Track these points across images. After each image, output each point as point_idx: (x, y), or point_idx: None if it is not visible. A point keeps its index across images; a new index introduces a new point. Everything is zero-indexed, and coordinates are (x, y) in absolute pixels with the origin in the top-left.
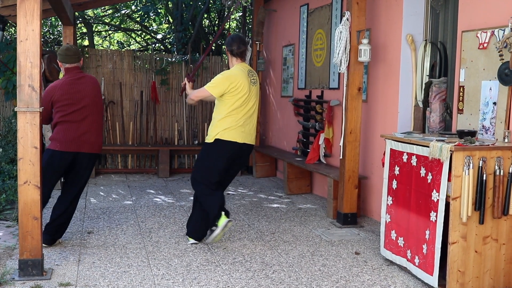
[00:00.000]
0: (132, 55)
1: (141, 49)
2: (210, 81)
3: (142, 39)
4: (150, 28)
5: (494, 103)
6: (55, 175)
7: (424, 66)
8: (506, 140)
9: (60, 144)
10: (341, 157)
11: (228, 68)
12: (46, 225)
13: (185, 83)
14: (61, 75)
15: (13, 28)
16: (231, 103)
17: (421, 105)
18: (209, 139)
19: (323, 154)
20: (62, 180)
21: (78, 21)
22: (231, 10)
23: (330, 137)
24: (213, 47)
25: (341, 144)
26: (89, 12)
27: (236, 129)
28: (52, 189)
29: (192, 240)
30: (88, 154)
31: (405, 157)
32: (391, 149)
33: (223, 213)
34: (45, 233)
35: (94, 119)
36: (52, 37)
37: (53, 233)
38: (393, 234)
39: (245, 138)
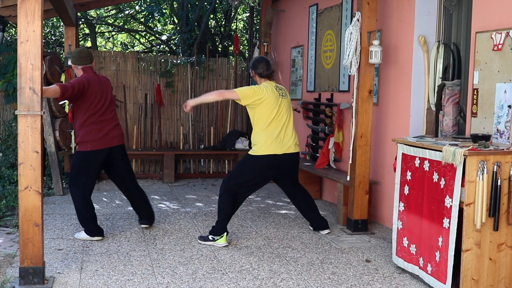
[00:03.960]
0: (136, 56)
1: (145, 50)
2: (215, 83)
3: (146, 40)
4: (154, 29)
5: (509, 106)
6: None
7: (436, 68)
8: None
9: (93, 144)
10: (350, 162)
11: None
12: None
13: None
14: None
15: (14, 29)
16: (264, 118)
17: (433, 108)
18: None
19: (333, 159)
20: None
21: (80, 22)
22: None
23: (340, 141)
24: (219, 49)
25: (351, 148)
26: (92, 13)
27: (272, 143)
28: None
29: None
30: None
31: (417, 162)
32: (402, 153)
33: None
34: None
35: (115, 114)
36: (53, 38)
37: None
38: (405, 241)
39: (284, 149)
